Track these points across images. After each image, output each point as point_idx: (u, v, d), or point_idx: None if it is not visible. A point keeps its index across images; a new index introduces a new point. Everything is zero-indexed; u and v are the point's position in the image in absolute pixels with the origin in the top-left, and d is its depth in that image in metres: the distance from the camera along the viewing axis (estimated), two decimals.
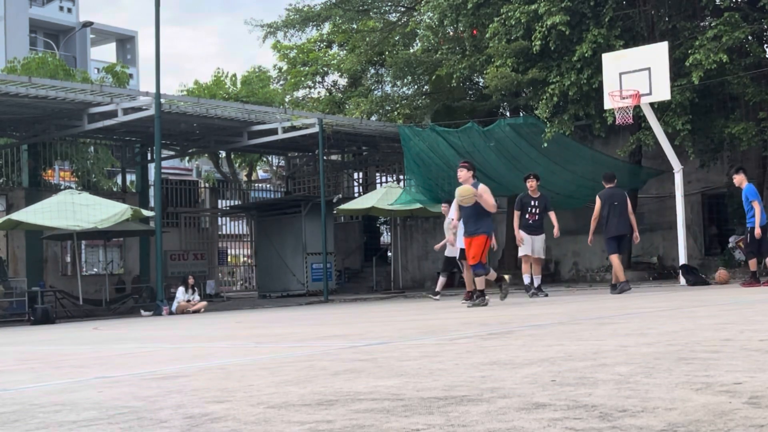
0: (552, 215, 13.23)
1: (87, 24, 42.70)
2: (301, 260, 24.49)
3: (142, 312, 18.33)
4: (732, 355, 3.56)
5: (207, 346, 6.73)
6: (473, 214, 10.67)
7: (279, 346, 6.15)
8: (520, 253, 13.39)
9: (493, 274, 11.00)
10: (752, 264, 13.37)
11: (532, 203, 13.23)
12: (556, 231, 13.02)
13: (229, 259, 35.68)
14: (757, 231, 12.92)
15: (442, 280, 15.18)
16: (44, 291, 19.36)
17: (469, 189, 10.53)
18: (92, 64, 48.72)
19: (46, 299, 18.89)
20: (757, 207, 12.94)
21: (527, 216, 13.18)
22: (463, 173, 10.98)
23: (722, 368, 3.14)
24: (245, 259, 35.27)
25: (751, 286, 12.62)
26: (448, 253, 14.22)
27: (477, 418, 2.40)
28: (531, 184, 13.33)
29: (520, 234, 13.05)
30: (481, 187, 10.72)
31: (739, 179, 13.51)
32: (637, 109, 15.89)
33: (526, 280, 13.30)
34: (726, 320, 5.78)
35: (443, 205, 15.30)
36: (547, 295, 13.15)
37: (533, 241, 13.11)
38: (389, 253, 28.29)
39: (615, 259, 13.12)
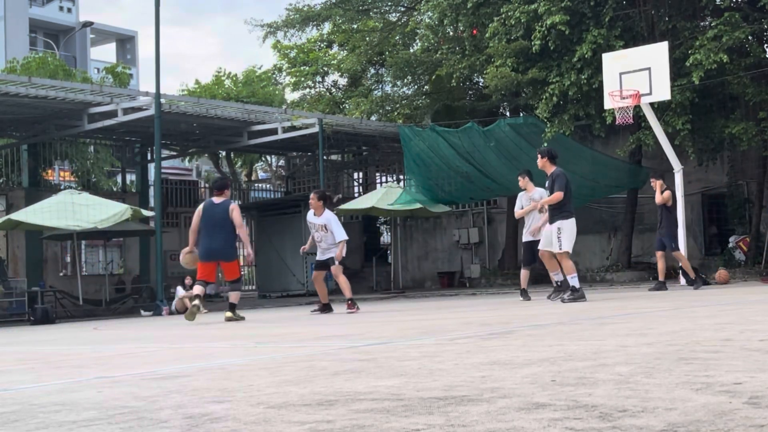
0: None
1: (87, 24, 42.68)
2: (301, 260, 24.49)
3: (142, 312, 18.33)
4: (732, 355, 3.56)
5: (207, 346, 6.73)
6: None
7: (279, 346, 6.15)
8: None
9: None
10: None
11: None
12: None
13: None
14: None
15: (524, 273, 12.39)
16: (44, 291, 19.35)
17: (190, 258, 10.71)
18: (92, 64, 48.71)
19: (46, 299, 18.89)
20: None
21: None
22: (313, 201, 11.39)
23: (722, 368, 3.14)
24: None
25: None
26: (529, 238, 11.96)
27: (477, 418, 2.40)
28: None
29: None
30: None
31: None
32: (637, 109, 15.89)
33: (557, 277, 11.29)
34: (726, 320, 5.78)
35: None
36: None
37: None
38: (389, 253, 28.31)
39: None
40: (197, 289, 10.55)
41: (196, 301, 10.42)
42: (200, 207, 11.02)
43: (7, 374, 5.13)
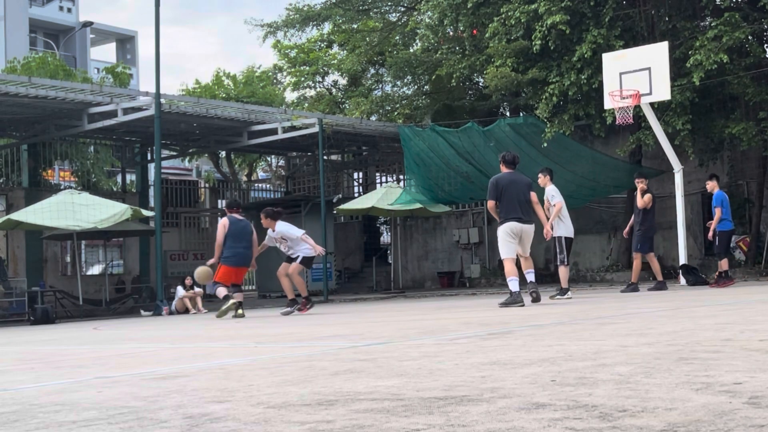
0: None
1: (87, 24, 42.69)
2: None
3: (142, 312, 18.34)
4: (732, 355, 3.56)
5: (207, 346, 6.73)
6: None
7: (279, 346, 6.15)
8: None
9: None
10: (723, 264, 14.13)
11: None
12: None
13: None
14: (709, 234, 14.44)
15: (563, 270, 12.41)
16: (44, 291, 19.36)
17: (204, 271, 13.21)
18: (92, 64, 48.70)
19: (46, 299, 18.89)
20: (717, 213, 14.16)
21: None
22: (263, 221, 12.68)
23: (722, 368, 3.14)
24: None
25: (725, 286, 13.48)
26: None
27: (477, 418, 2.40)
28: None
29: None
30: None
31: (711, 185, 14.42)
32: (637, 108, 15.90)
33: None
34: (726, 320, 5.78)
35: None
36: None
37: None
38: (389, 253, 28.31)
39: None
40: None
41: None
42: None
43: (7, 374, 5.13)
